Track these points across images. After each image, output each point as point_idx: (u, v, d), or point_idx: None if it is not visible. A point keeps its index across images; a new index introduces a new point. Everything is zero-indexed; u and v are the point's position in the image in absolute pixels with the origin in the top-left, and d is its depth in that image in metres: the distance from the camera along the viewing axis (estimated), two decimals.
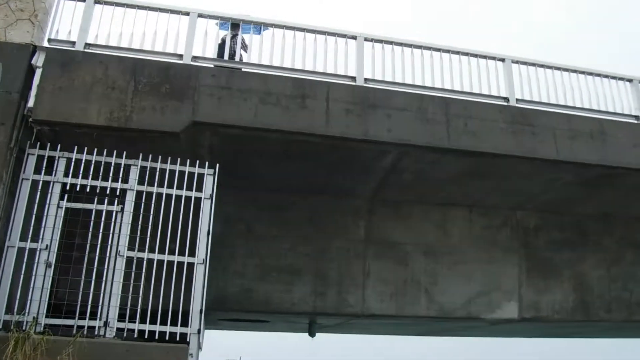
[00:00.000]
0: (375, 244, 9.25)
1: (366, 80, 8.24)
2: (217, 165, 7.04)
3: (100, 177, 6.64)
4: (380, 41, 8.57)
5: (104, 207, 6.60)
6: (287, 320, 11.34)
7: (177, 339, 6.32)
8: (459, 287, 9.51)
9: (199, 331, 6.42)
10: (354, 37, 8.43)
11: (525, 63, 9.28)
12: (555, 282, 10.00)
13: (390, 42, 8.59)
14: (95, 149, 6.65)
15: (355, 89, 7.95)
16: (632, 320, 10.49)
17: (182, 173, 6.92)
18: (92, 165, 6.65)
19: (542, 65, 9.37)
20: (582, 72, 9.61)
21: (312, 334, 12.40)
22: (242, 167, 8.21)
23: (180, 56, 7.65)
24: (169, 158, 6.88)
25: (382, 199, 9.31)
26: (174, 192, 6.83)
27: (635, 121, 9.60)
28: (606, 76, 9.78)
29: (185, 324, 6.37)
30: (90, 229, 6.43)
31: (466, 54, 8.93)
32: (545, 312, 9.94)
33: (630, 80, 9.95)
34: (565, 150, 8.48)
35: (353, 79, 8.19)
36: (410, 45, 8.66)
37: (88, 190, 6.63)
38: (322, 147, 7.73)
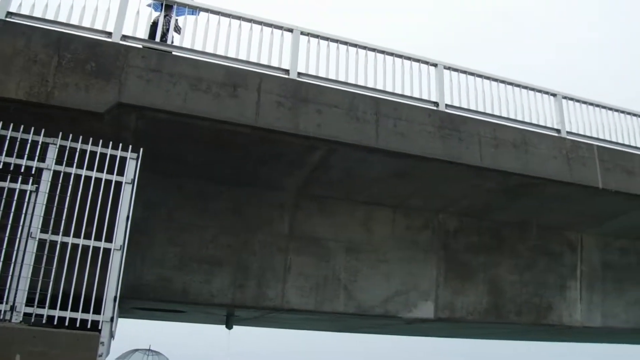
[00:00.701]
0: (298, 239, 9.34)
1: (299, 74, 8.32)
2: (141, 149, 6.92)
3: (15, 154, 6.39)
4: (316, 36, 8.66)
5: (17, 186, 6.36)
6: (204, 311, 11.29)
7: (89, 326, 6.19)
8: (378, 285, 9.74)
9: (111, 319, 6.31)
10: (290, 30, 8.49)
11: (456, 70, 9.60)
12: (470, 285, 10.40)
13: (326, 38, 8.71)
14: (12, 125, 6.40)
15: (288, 82, 8.00)
16: (541, 323, 11.06)
17: (103, 155, 6.75)
18: (7, 141, 6.39)
19: (472, 74, 9.72)
20: (510, 84, 10.03)
21: (229, 327, 12.41)
22: (167, 153, 8.11)
23: (109, 34, 7.48)
24: (91, 139, 6.70)
25: (309, 194, 9.41)
26: (94, 174, 6.66)
27: (557, 134, 10.09)
28: (532, 89, 10.25)
29: (97, 311, 6.24)
30: (1, 208, 6.19)
31: (400, 56, 9.17)
32: (460, 313, 10.32)
33: (554, 95, 10.47)
34: (489, 157, 8.84)
35: (286, 72, 8.25)
36: (345, 43, 8.81)
37: (1, 167, 6.36)
38: (251, 139, 7.75)
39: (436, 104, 9.16)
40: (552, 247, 11.25)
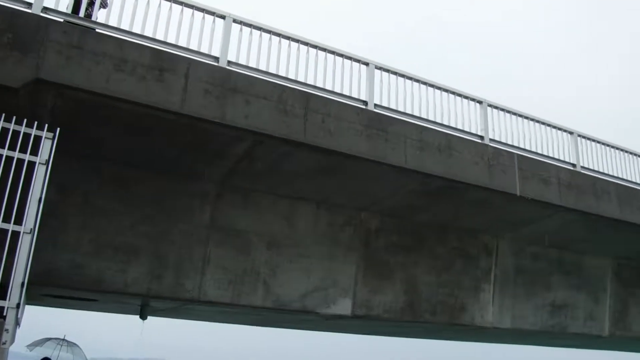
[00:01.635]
0: (219, 231, 9.24)
1: (229, 62, 8.23)
2: (58, 129, 6.64)
3: None
4: (249, 25, 8.58)
5: None
6: (118, 300, 11.01)
7: None
8: (297, 280, 9.77)
9: (18, 305, 6.05)
10: (222, 17, 8.36)
11: (387, 70, 9.76)
12: (388, 283, 10.60)
13: (259, 28, 8.65)
14: None
15: (217, 70, 7.90)
16: (454, 323, 11.43)
17: (16, 133, 6.44)
18: None
19: (402, 75, 9.90)
20: (439, 88, 10.29)
21: (143, 317, 12.14)
22: (86, 135, 7.83)
23: (30, 4, 7.13)
24: (3, 115, 6.37)
25: (232, 185, 9.32)
26: (5, 152, 6.34)
27: (480, 140, 10.42)
28: (459, 95, 10.53)
29: (3, 297, 5.96)
30: None
31: (332, 52, 9.23)
32: (377, 311, 10.51)
33: (480, 102, 10.80)
34: (413, 159, 9.03)
35: (216, 59, 8.15)
36: (278, 35, 8.78)
37: None
38: (175, 125, 7.60)
39: (365, 102, 9.28)
40: (469, 250, 11.61)
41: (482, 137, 10.50)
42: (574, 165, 11.69)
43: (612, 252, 13.60)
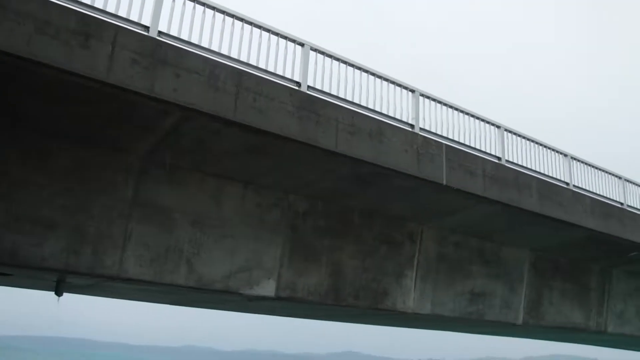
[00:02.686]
0: (142, 206, 8.97)
1: (160, 33, 7.97)
2: None
3: None
4: None
5: None
6: (33, 276, 10.57)
7: None
8: (222, 260, 9.64)
9: None
10: None
11: (322, 53, 9.71)
12: (313, 266, 10.62)
13: (193, 0, 8.38)
14: None
15: (147, 39, 7.63)
16: (376, 308, 11.58)
17: None
18: None
19: (337, 59, 9.87)
20: (372, 74, 10.30)
21: (59, 293, 11.69)
22: (3, 101, 7.41)
23: None
24: None
25: (158, 161, 9.04)
26: None
27: (410, 129, 10.54)
28: (392, 82, 10.59)
29: None
30: None
31: (268, 30, 9.07)
32: (301, 293, 10.52)
33: (412, 91, 10.91)
34: (344, 144, 9.04)
35: (146, 28, 7.87)
36: (213, 8, 8.56)
37: None
38: (100, 95, 7.31)
39: (299, 84, 9.20)
40: (394, 236, 11.77)
41: (412, 126, 10.63)
42: (499, 158, 12.03)
43: (530, 244, 14.11)
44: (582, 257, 15.40)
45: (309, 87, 9.33)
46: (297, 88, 9.11)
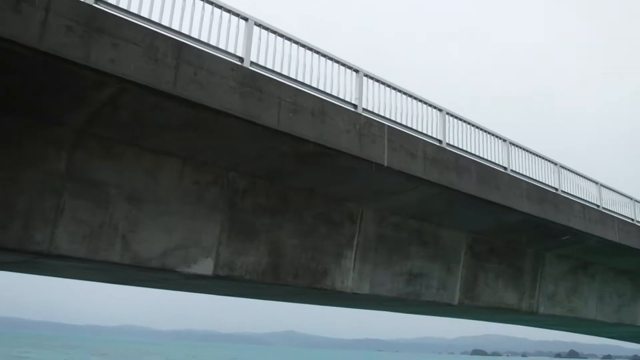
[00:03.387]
0: (75, 181, 8.69)
1: (97, 0, 7.67)
2: None
3: None
4: None
5: None
6: None
7: None
8: (158, 237, 9.50)
9: None
10: None
11: (267, 28, 9.61)
12: (252, 245, 10.59)
13: None
14: None
15: (83, 6, 7.36)
16: (315, 287, 11.67)
17: None
18: None
19: (281, 35, 9.79)
20: (317, 52, 10.28)
21: None
22: None
23: None
24: None
25: (93, 134, 8.79)
26: None
27: (353, 109, 10.58)
28: (337, 61, 10.60)
29: None
30: None
31: (211, 3, 8.90)
32: (239, 272, 10.49)
33: (357, 71, 10.93)
34: (286, 122, 9.02)
35: None
36: None
37: None
38: (31, 63, 7.04)
39: (241, 59, 9.08)
40: (335, 216, 11.86)
41: (355, 106, 10.68)
42: (440, 141, 12.24)
43: (468, 227, 14.47)
44: (518, 240, 15.91)
45: (252, 62, 9.23)
46: (239, 63, 9.00)
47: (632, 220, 18.25)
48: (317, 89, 10.12)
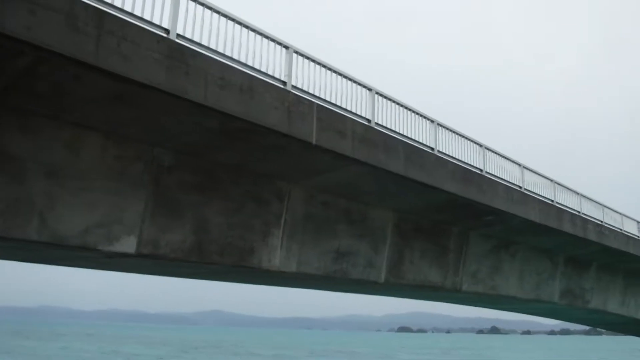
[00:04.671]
0: None
1: None
2: None
3: None
4: None
5: None
6: None
7: None
8: (79, 214, 9.26)
9: None
10: None
11: (194, 0, 9.39)
12: (177, 223, 10.49)
13: None
14: None
15: None
16: (241, 265, 11.69)
17: None
18: None
19: (210, 8, 9.64)
20: (246, 27, 10.18)
21: None
22: None
23: None
24: None
25: (8, 105, 8.43)
26: None
27: (282, 86, 10.57)
28: (266, 37, 10.54)
29: None
30: None
31: None
32: (164, 250, 10.38)
33: (286, 47, 10.91)
34: (214, 97, 8.93)
35: None
36: None
37: None
38: None
39: (167, 31, 8.90)
40: (263, 194, 11.87)
41: (284, 83, 10.67)
42: (369, 120, 12.42)
43: (395, 206, 14.80)
44: (443, 219, 16.41)
45: (178, 35, 9.06)
46: (165, 35, 8.81)
47: (552, 201, 19.12)
48: (246, 65, 10.05)
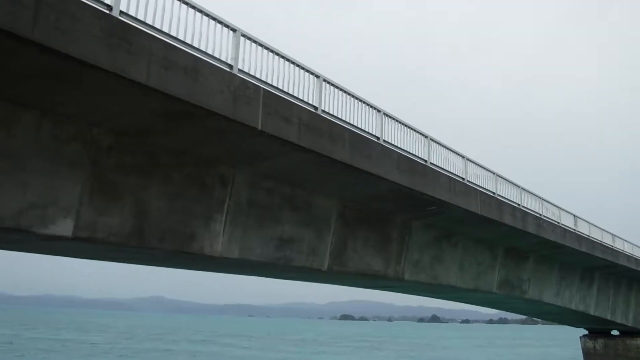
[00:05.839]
0: None
1: None
2: None
3: None
4: None
5: None
6: None
7: None
8: (12, 195, 8.93)
9: None
10: None
11: None
12: (116, 206, 10.25)
13: None
14: None
15: None
16: (183, 251, 11.52)
17: None
18: None
19: None
20: (193, 7, 9.97)
21: None
22: None
23: None
24: None
25: None
26: None
27: (228, 69, 10.42)
28: (213, 18, 10.36)
29: None
30: None
31: None
32: (102, 234, 10.13)
33: (234, 30, 10.74)
34: (157, 77, 8.73)
35: None
36: None
37: None
38: None
39: (110, 7, 8.62)
40: (206, 179, 11.72)
41: (231, 66, 10.53)
42: (315, 107, 12.38)
43: (339, 194, 14.87)
44: (387, 209, 16.58)
45: (121, 12, 8.79)
46: (107, 12, 8.54)
47: (494, 193, 19.56)
48: (191, 46, 9.85)
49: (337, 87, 13.16)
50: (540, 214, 22.89)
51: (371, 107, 14.27)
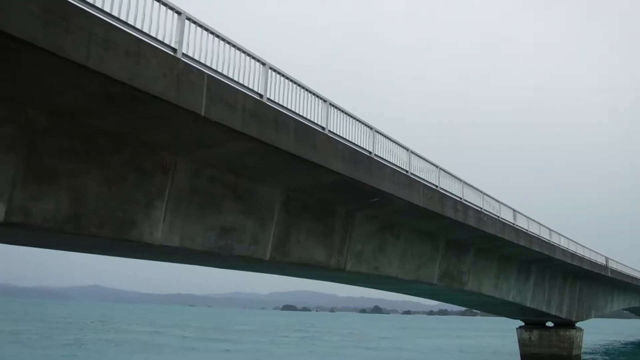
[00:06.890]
0: None
1: None
2: None
3: None
4: None
5: None
6: None
7: None
8: None
9: None
10: None
11: None
12: (52, 191, 9.94)
13: None
14: None
15: None
16: (121, 238, 11.27)
17: None
18: None
19: None
20: None
21: None
22: None
23: None
24: None
25: None
26: None
27: (172, 53, 10.21)
28: (158, 0, 10.09)
29: None
30: None
31: None
32: (36, 219, 9.81)
33: (179, 13, 10.53)
34: (96, 58, 8.50)
35: None
36: None
37: None
38: None
39: None
40: (146, 165, 11.48)
41: (175, 50, 10.31)
42: (261, 95, 12.27)
43: (283, 184, 14.81)
44: (331, 199, 16.63)
45: None
46: None
47: (436, 186, 19.87)
48: (134, 27, 9.59)
49: (283, 76, 13.08)
50: (481, 208, 23.41)
51: (317, 96, 14.26)
